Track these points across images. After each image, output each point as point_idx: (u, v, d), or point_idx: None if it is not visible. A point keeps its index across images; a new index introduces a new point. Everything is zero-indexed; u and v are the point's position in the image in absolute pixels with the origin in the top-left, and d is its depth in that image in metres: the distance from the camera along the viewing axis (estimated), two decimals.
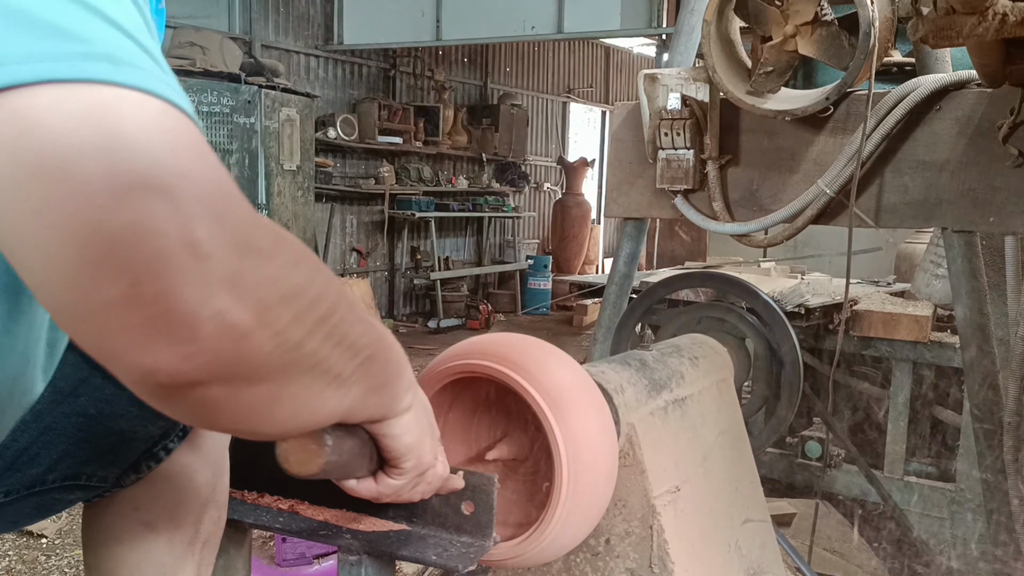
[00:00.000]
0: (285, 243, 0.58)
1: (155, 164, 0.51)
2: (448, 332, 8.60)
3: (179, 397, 0.55)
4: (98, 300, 0.50)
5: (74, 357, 0.93)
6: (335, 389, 0.65)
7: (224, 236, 0.53)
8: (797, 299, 2.73)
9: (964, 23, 1.40)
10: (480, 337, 1.23)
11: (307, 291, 0.58)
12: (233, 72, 6.45)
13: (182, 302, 0.51)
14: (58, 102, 0.50)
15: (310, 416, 0.65)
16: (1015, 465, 2.03)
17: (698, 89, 2.11)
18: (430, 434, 0.87)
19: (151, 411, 0.96)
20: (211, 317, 0.52)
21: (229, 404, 0.58)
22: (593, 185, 12.25)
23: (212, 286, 0.52)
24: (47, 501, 0.97)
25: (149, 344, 0.52)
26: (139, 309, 0.50)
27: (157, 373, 0.53)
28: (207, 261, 0.51)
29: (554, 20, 7.32)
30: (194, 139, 0.55)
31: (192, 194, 0.52)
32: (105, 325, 0.51)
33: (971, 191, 1.89)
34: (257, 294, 0.54)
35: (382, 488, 0.87)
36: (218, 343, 0.53)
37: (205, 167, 0.54)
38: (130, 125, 0.51)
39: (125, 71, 0.53)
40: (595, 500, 1.14)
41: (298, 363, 0.59)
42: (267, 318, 0.55)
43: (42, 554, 3.24)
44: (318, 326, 0.60)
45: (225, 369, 0.55)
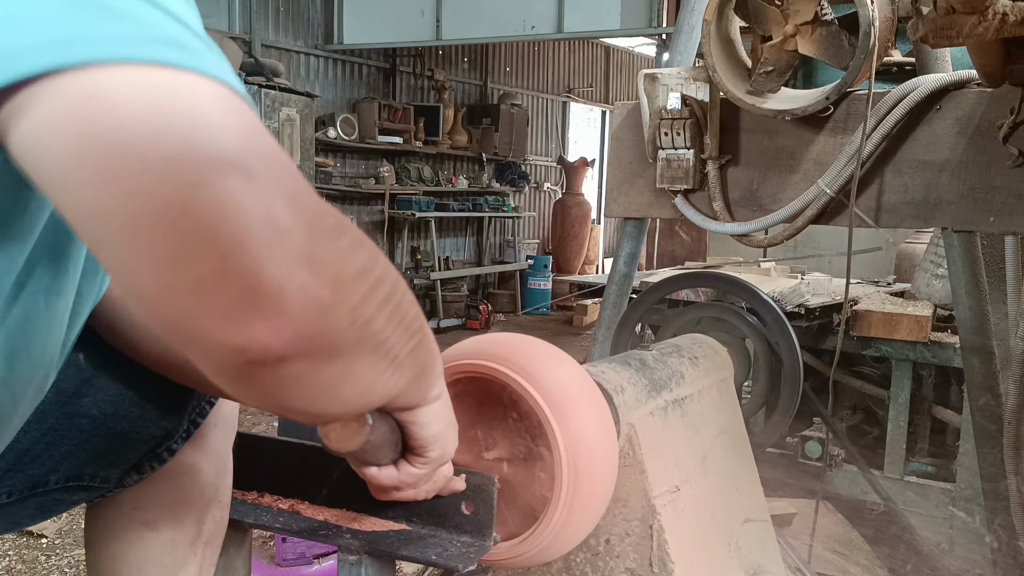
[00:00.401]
0: (349, 225, 0.60)
1: (232, 146, 0.52)
2: (448, 332, 8.60)
3: (263, 375, 0.56)
4: (189, 278, 0.51)
5: (77, 358, 0.93)
6: (392, 371, 0.66)
7: (298, 214, 0.54)
8: (797, 299, 2.73)
9: (964, 23, 1.40)
10: (480, 337, 1.23)
11: (373, 270, 0.60)
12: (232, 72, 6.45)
13: (270, 276, 0.52)
14: (134, 84, 0.51)
15: (371, 397, 0.67)
16: (1015, 465, 2.03)
17: (698, 89, 2.11)
18: (453, 426, 0.88)
19: (154, 412, 0.97)
20: (297, 290, 0.54)
21: (307, 381, 0.59)
22: (593, 185, 12.25)
23: (294, 261, 0.53)
24: (49, 502, 0.97)
25: (241, 319, 0.53)
26: (230, 284, 0.52)
27: (248, 350, 0.54)
28: (288, 237, 0.53)
29: (554, 20, 7.31)
30: (257, 123, 0.57)
31: (267, 174, 0.54)
32: (195, 304, 0.52)
33: (971, 191, 1.89)
34: (333, 270, 0.56)
35: (403, 476, 0.87)
36: (304, 316, 0.54)
37: (274, 150, 0.56)
38: (205, 108, 0.53)
39: (191, 56, 0.54)
40: (595, 500, 1.14)
41: (367, 341, 0.61)
42: (343, 293, 0.57)
43: (42, 554, 3.24)
44: (384, 304, 0.61)
45: (309, 344, 0.56)
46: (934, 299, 2.93)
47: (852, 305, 2.83)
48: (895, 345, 2.75)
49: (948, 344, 2.68)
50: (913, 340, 2.70)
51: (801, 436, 2.85)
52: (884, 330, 2.73)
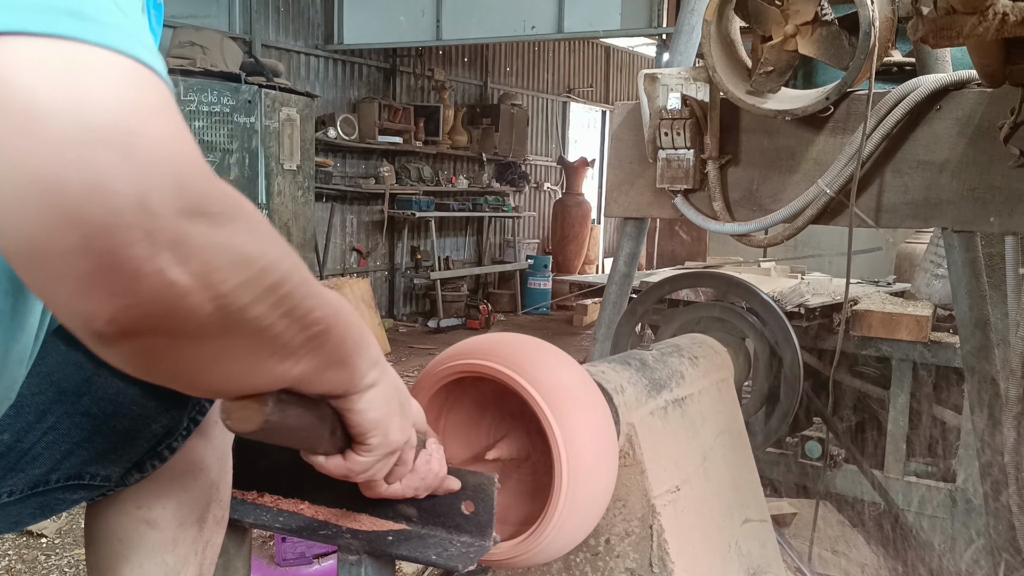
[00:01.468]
0: (241, 212, 0.60)
1: (119, 125, 0.53)
2: (448, 332, 8.60)
3: (117, 344, 0.58)
4: (51, 249, 0.52)
5: (78, 357, 0.93)
6: (280, 358, 0.67)
7: (176, 199, 0.54)
8: (797, 299, 2.73)
9: (964, 23, 1.40)
10: (480, 337, 1.23)
11: (257, 260, 0.60)
12: (233, 72, 6.45)
13: (127, 257, 0.53)
14: (31, 56, 0.52)
15: (249, 379, 0.68)
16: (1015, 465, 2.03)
17: (698, 89, 2.11)
18: (399, 413, 0.87)
19: (155, 410, 0.97)
20: (151, 274, 0.54)
21: (166, 356, 0.60)
22: (593, 185, 12.25)
23: (157, 245, 0.54)
24: (50, 501, 0.97)
25: (91, 292, 0.54)
26: (86, 260, 0.53)
27: (95, 320, 0.55)
28: (155, 220, 0.53)
29: (554, 20, 7.31)
30: (159, 100, 0.57)
31: (151, 156, 0.54)
32: (53, 272, 0.54)
33: (971, 191, 1.89)
34: (203, 257, 0.56)
35: (351, 465, 0.87)
36: (155, 298, 0.55)
37: (168, 130, 0.56)
38: (99, 85, 0.53)
39: (93, 28, 0.54)
40: (595, 500, 1.15)
41: (240, 327, 0.61)
42: (210, 280, 0.57)
43: (42, 553, 3.24)
44: (266, 294, 0.61)
45: (160, 323, 0.57)
46: (934, 299, 2.93)
47: (852, 305, 2.83)
48: (895, 345, 2.75)
49: (948, 344, 2.68)
50: (913, 340, 2.70)
51: (801, 436, 2.85)
52: (884, 330, 2.73)
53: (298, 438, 0.80)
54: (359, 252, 9.02)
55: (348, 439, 0.85)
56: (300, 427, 0.78)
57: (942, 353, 2.71)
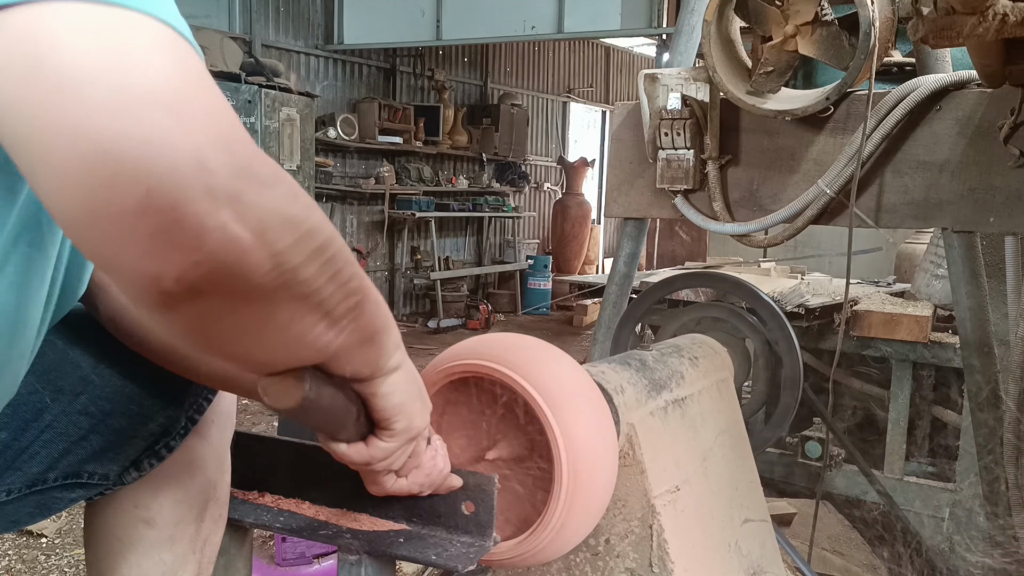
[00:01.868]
0: (284, 176, 0.61)
1: (168, 88, 0.54)
2: (448, 332, 8.60)
3: (180, 307, 0.58)
4: (113, 209, 0.53)
5: (76, 355, 0.93)
6: (326, 326, 0.67)
7: (228, 158, 0.56)
8: (797, 299, 2.73)
9: (964, 23, 1.40)
10: (480, 337, 1.23)
11: (304, 221, 0.61)
12: (233, 72, 6.46)
13: (191, 213, 0.54)
14: (77, 21, 0.53)
15: (299, 347, 0.68)
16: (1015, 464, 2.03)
17: (698, 89, 2.11)
18: (420, 398, 0.87)
19: (152, 409, 0.97)
20: (216, 228, 0.55)
21: (225, 318, 0.60)
22: (593, 185, 12.25)
23: (217, 201, 0.55)
24: (48, 500, 0.97)
25: (159, 250, 0.55)
26: (152, 216, 0.53)
27: (163, 279, 0.56)
28: (213, 178, 0.55)
29: (554, 20, 7.31)
30: (200, 68, 0.58)
31: (200, 118, 0.55)
32: (117, 234, 0.54)
33: (971, 191, 1.89)
34: (257, 214, 0.57)
35: (373, 451, 0.86)
36: (221, 253, 0.56)
37: (211, 95, 0.57)
38: (144, 49, 0.55)
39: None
40: (595, 500, 1.15)
41: (293, 287, 0.61)
42: (266, 238, 0.58)
43: (42, 553, 3.24)
44: (314, 256, 0.62)
45: (225, 281, 0.57)
46: (934, 299, 2.93)
47: (852, 305, 2.83)
48: (895, 345, 2.75)
49: (948, 344, 2.68)
50: (913, 340, 2.70)
51: (801, 436, 2.85)
52: (884, 330, 2.73)
53: (328, 419, 0.80)
54: (359, 252, 9.02)
55: (370, 425, 0.85)
56: (332, 408, 0.78)
57: (942, 353, 2.71)
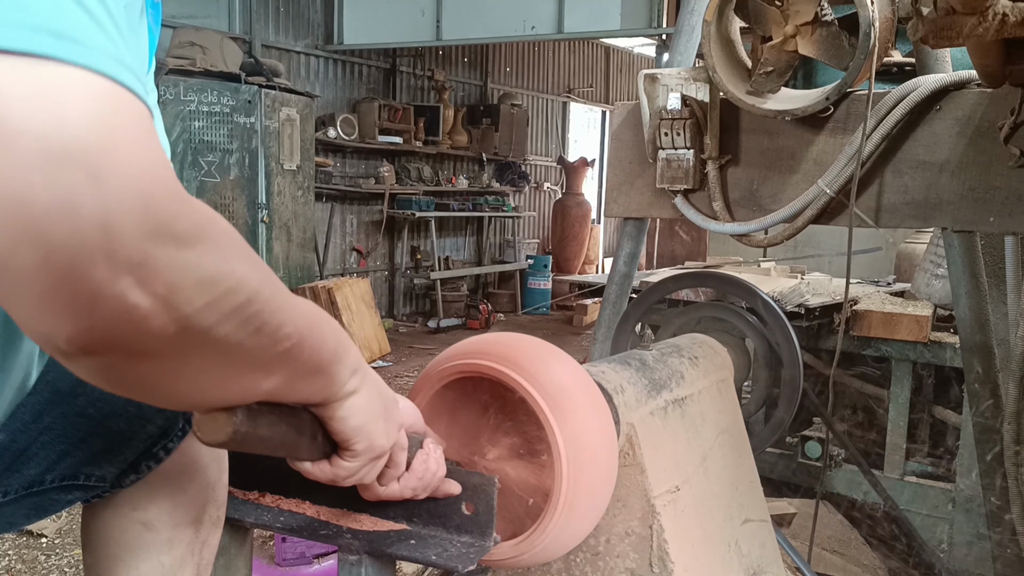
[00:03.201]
0: (210, 231, 0.59)
1: (87, 146, 0.53)
2: (448, 332, 8.60)
3: (78, 360, 0.58)
4: (13, 266, 0.52)
5: None
6: (250, 373, 0.67)
7: (142, 220, 0.54)
8: (797, 299, 2.73)
9: (964, 23, 1.40)
10: (480, 337, 1.23)
11: (225, 280, 0.59)
12: (233, 72, 6.45)
13: (87, 278, 0.53)
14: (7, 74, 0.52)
15: (219, 393, 0.68)
16: (1015, 464, 2.03)
17: (698, 89, 2.11)
18: (383, 417, 0.87)
19: (150, 410, 0.97)
20: (112, 296, 0.54)
21: (128, 373, 0.60)
22: (593, 185, 12.25)
23: (118, 268, 0.54)
24: (45, 502, 0.97)
25: (50, 310, 0.54)
26: (46, 279, 0.53)
27: (55, 338, 0.56)
28: (117, 242, 0.53)
29: (554, 20, 7.32)
30: (132, 121, 0.56)
31: (119, 178, 0.53)
32: (15, 288, 0.54)
33: (971, 191, 1.88)
34: (166, 278, 0.56)
35: (337, 470, 0.87)
36: (114, 320, 0.55)
37: (139, 151, 0.55)
38: (70, 106, 0.53)
39: (69, 47, 0.54)
40: (595, 500, 1.14)
41: (206, 346, 0.60)
42: (173, 302, 0.56)
43: (42, 553, 3.24)
44: (233, 314, 0.61)
45: (119, 344, 0.57)
46: (934, 299, 2.93)
47: (852, 305, 2.83)
48: (895, 345, 2.75)
49: (948, 344, 2.68)
50: (913, 340, 2.70)
51: (801, 436, 2.85)
52: (884, 330, 2.74)
53: (273, 446, 0.80)
54: (359, 252, 9.02)
55: (333, 444, 0.85)
56: (273, 436, 0.78)
57: (942, 353, 2.71)
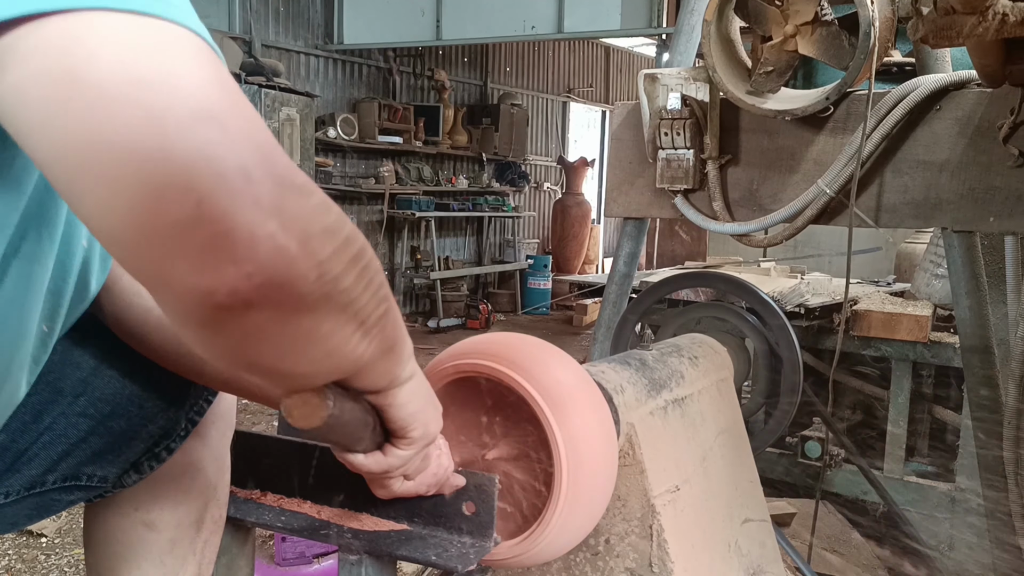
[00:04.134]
0: (316, 187, 0.61)
1: (208, 98, 0.54)
2: (448, 332, 8.60)
3: (231, 323, 0.57)
4: (164, 222, 0.52)
5: (75, 357, 0.93)
6: (361, 336, 0.67)
7: (270, 169, 0.55)
8: (797, 299, 2.73)
9: (964, 23, 1.40)
10: (480, 337, 1.23)
11: (341, 231, 0.61)
12: (233, 71, 6.45)
13: (242, 222, 0.53)
14: (116, 31, 0.52)
15: (339, 360, 0.67)
16: (1015, 465, 2.03)
17: (698, 89, 2.11)
18: (433, 404, 0.87)
19: (152, 411, 0.97)
20: (266, 238, 0.55)
21: (274, 333, 0.59)
22: (593, 185, 12.25)
23: (264, 211, 0.54)
24: (46, 502, 0.97)
25: (212, 262, 0.54)
26: (203, 229, 0.53)
27: (216, 292, 0.55)
28: (259, 188, 0.54)
29: (554, 20, 7.31)
30: (230, 78, 0.58)
31: (240, 128, 0.55)
32: (169, 247, 0.53)
33: (971, 191, 1.89)
34: (300, 224, 0.57)
35: (391, 460, 0.86)
36: (272, 264, 0.55)
37: (246, 106, 0.57)
38: (184, 59, 0.54)
39: (170, 8, 0.56)
40: (595, 500, 1.15)
41: (335, 298, 0.61)
42: (311, 247, 0.57)
43: (42, 553, 3.24)
44: (352, 264, 0.62)
45: (277, 291, 0.57)
46: (934, 299, 2.93)
47: (852, 305, 2.83)
48: (895, 345, 2.75)
49: (948, 344, 2.68)
50: (913, 340, 2.71)
51: (801, 436, 2.86)
52: (884, 330, 2.74)
53: (348, 434, 0.80)
54: None
55: (385, 434, 0.85)
56: (352, 422, 0.78)
57: (942, 353, 2.71)
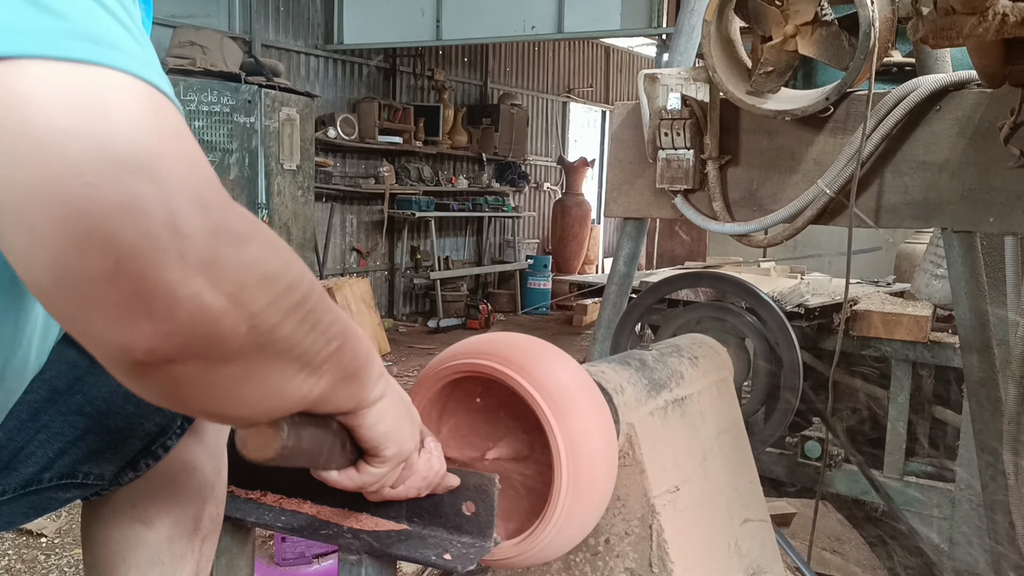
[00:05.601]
0: (261, 229, 0.59)
1: (142, 148, 0.52)
2: (448, 332, 8.60)
3: (153, 375, 0.56)
4: (83, 276, 0.51)
5: (71, 355, 0.93)
6: (306, 376, 0.66)
7: (204, 220, 0.54)
8: (797, 299, 2.73)
9: (964, 23, 1.40)
10: (480, 337, 1.23)
11: (283, 276, 0.59)
12: (233, 71, 6.45)
13: (162, 281, 0.52)
14: (48, 80, 0.51)
15: (278, 401, 0.66)
16: (1015, 465, 2.03)
17: (698, 89, 2.11)
18: (408, 420, 0.87)
19: (148, 408, 0.97)
20: (188, 297, 0.53)
21: (201, 383, 0.58)
22: (593, 185, 12.25)
23: (191, 267, 0.53)
24: (43, 500, 0.97)
25: (128, 320, 0.53)
26: (121, 286, 0.51)
27: (134, 350, 0.54)
28: (187, 243, 0.52)
29: (554, 20, 7.31)
30: (175, 123, 0.56)
31: (176, 178, 0.53)
32: (86, 301, 0.52)
33: (971, 191, 1.88)
34: (234, 277, 0.55)
35: (364, 477, 0.86)
36: (193, 323, 0.54)
37: (187, 152, 0.55)
38: (118, 108, 0.52)
39: (108, 52, 0.54)
40: (595, 500, 1.14)
41: (271, 346, 0.60)
42: (242, 300, 0.56)
43: (41, 553, 3.24)
44: (293, 311, 0.60)
45: (198, 348, 0.55)
46: (934, 299, 2.93)
47: (852, 305, 2.83)
48: (895, 345, 2.75)
49: (948, 344, 2.68)
50: (913, 340, 2.70)
51: (801, 436, 2.85)
52: (884, 330, 2.74)
53: (311, 458, 0.79)
54: (359, 252, 9.02)
55: (359, 451, 0.85)
56: (312, 448, 0.77)
57: (942, 353, 2.71)
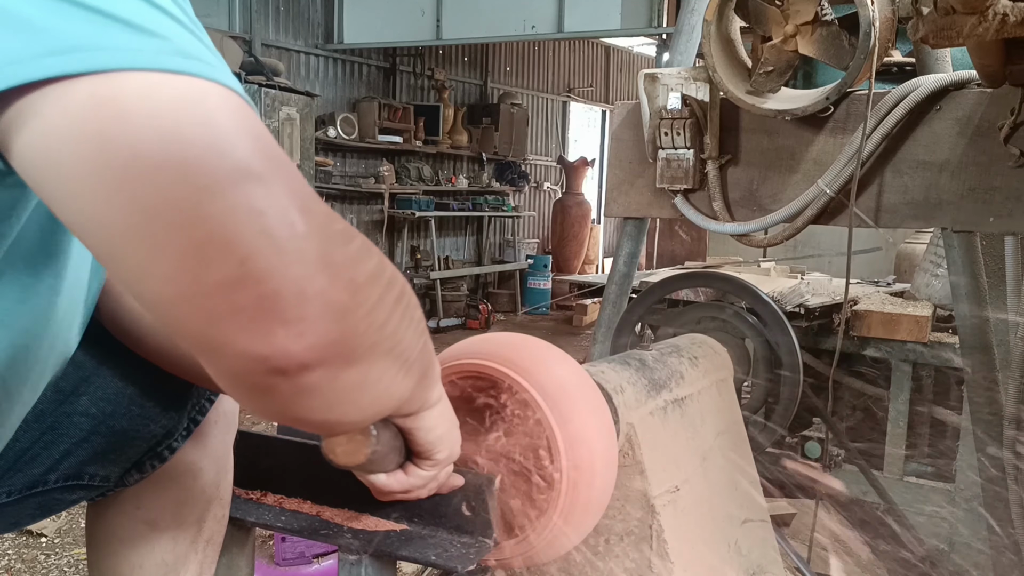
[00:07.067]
0: (355, 230, 0.60)
1: (247, 153, 0.53)
2: (448, 332, 8.60)
3: (283, 386, 0.55)
4: (208, 284, 0.51)
5: (77, 356, 0.93)
6: (404, 374, 0.66)
7: (312, 219, 0.54)
8: (797, 299, 2.73)
9: (964, 23, 1.40)
10: (480, 337, 1.23)
11: (383, 273, 0.60)
12: (233, 71, 6.45)
13: (289, 279, 0.52)
14: (148, 90, 0.51)
15: (386, 403, 0.66)
16: (1015, 465, 2.03)
17: (698, 89, 2.11)
18: (455, 424, 0.88)
19: (154, 410, 0.97)
20: (317, 295, 0.53)
21: (326, 389, 0.58)
22: (593, 185, 12.25)
23: (312, 266, 0.53)
24: (48, 501, 0.97)
25: (260, 325, 0.52)
26: (249, 288, 0.51)
27: (271, 358, 0.53)
28: (305, 242, 0.53)
29: (554, 20, 7.31)
30: (265, 131, 0.57)
31: (280, 181, 0.54)
32: (214, 310, 0.52)
33: (971, 191, 1.89)
34: (349, 275, 0.56)
35: (413, 480, 0.86)
36: (324, 321, 0.54)
37: (283, 157, 0.56)
38: (220, 116, 0.53)
39: (204, 66, 0.54)
40: (595, 500, 1.15)
41: (383, 344, 0.60)
42: (359, 297, 0.56)
43: (42, 553, 3.24)
44: (396, 306, 0.61)
45: (330, 349, 0.55)
46: (934, 299, 2.93)
47: (852, 305, 2.83)
48: (895, 345, 2.75)
49: (948, 344, 2.68)
50: (913, 340, 2.70)
51: (801, 436, 2.85)
52: (884, 330, 2.73)
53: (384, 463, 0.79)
54: None
55: (408, 453, 0.85)
56: (388, 452, 0.77)
57: (942, 353, 2.71)
